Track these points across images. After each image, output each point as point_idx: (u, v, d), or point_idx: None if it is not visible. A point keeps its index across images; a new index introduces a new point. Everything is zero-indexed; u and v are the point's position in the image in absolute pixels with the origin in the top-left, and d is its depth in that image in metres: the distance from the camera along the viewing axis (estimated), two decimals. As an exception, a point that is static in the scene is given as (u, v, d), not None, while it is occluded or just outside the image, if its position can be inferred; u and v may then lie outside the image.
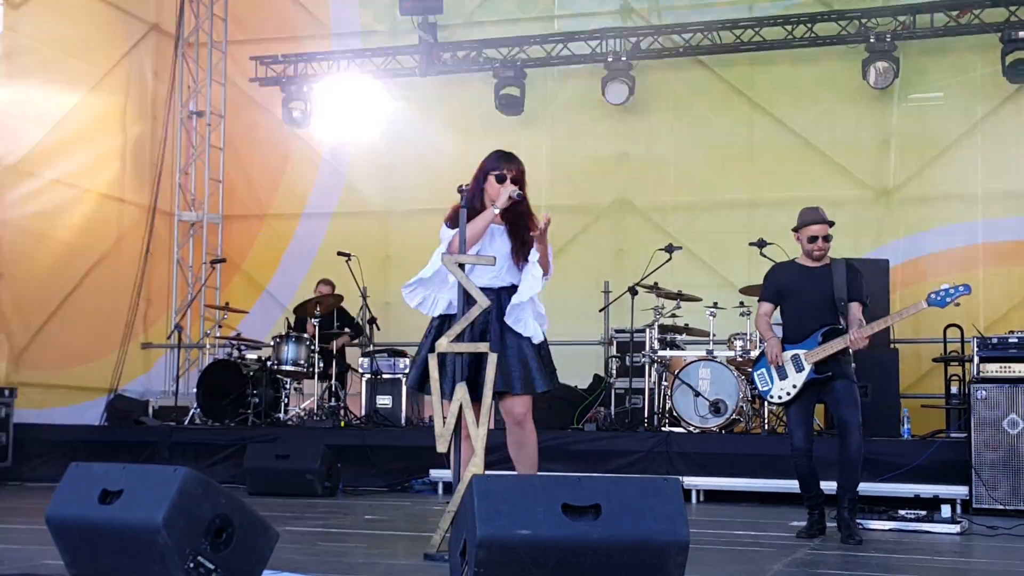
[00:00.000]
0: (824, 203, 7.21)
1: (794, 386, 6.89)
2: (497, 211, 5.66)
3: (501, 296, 5.68)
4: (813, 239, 6.97)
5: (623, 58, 13.33)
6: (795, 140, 13.16)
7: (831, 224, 7.05)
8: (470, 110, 14.41)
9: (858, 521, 7.37)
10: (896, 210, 12.81)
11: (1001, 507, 8.36)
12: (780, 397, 6.98)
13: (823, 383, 6.87)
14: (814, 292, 6.93)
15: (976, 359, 8.88)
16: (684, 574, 3.88)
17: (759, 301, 7.31)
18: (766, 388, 7.04)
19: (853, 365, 7.05)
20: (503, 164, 5.83)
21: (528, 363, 5.63)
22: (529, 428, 5.74)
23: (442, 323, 5.77)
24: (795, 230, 7.12)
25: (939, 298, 6.76)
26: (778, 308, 7.22)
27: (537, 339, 5.68)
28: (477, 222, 5.66)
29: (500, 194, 5.68)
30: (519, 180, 5.78)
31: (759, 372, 7.11)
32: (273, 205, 15.15)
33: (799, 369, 6.88)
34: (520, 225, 5.77)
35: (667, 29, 13.47)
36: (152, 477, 4.11)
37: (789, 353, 6.93)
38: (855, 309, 6.87)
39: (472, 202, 5.71)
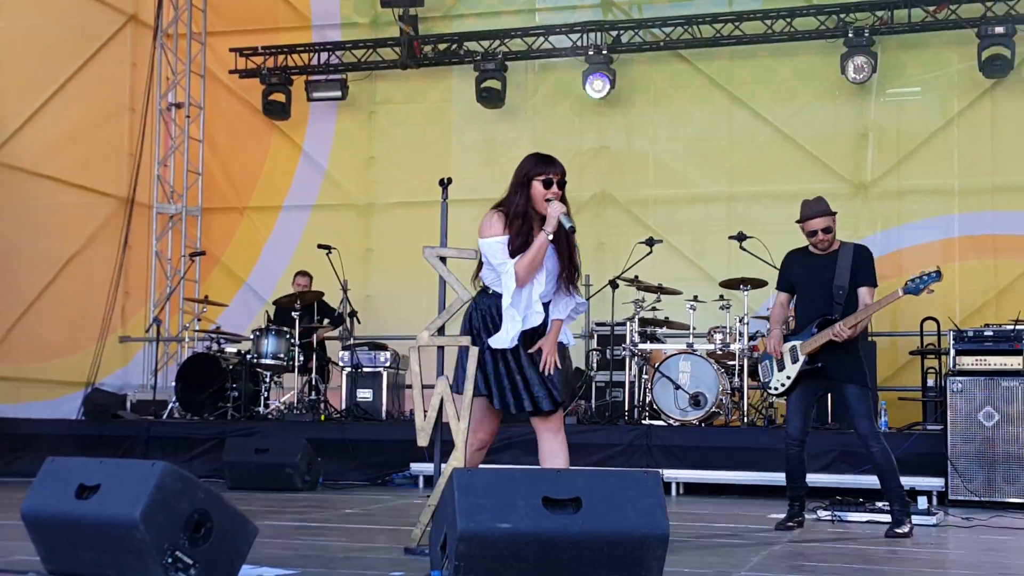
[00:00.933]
0: (802, 197, 7.21)
1: (788, 377, 6.95)
2: (550, 236, 5.22)
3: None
4: (813, 233, 6.96)
5: (604, 52, 13.34)
6: (774, 134, 13.20)
7: (833, 214, 7.01)
8: (451, 103, 14.41)
9: (836, 513, 7.45)
10: (874, 204, 12.87)
11: (977, 498, 8.42)
12: (776, 388, 7.06)
13: (827, 377, 6.88)
14: (816, 281, 6.95)
15: (952, 352, 8.93)
16: (664, 567, 3.90)
17: (776, 290, 7.33)
18: (766, 379, 7.15)
19: (862, 358, 6.99)
20: (547, 168, 5.38)
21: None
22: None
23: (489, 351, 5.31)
24: (799, 220, 7.08)
25: (914, 285, 6.79)
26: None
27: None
28: (534, 253, 5.18)
29: (548, 216, 5.25)
30: (564, 184, 5.43)
31: (763, 364, 7.22)
32: (253, 198, 15.09)
33: (794, 360, 6.94)
34: (568, 245, 5.37)
35: (648, 23, 13.50)
36: (130, 471, 4.09)
37: (788, 345, 6.99)
38: (862, 294, 6.85)
39: (523, 213, 5.28)
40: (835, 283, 6.86)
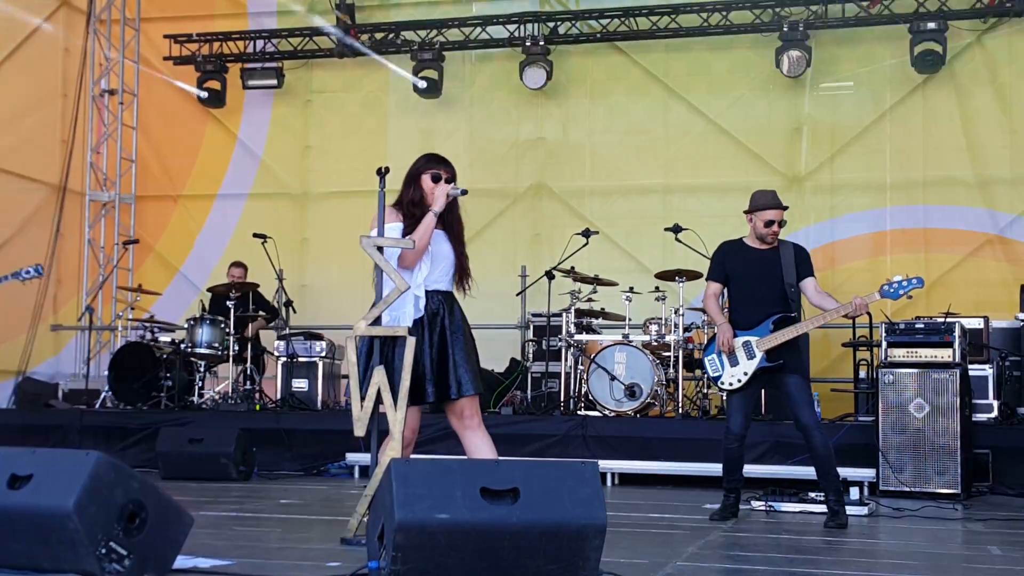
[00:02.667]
0: (737, 190, 7.29)
1: (745, 373, 6.87)
2: (436, 213, 5.41)
3: (452, 299, 5.56)
4: (770, 223, 6.92)
5: (541, 43, 13.36)
6: (709, 126, 13.31)
7: (785, 208, 7.04)
8: (388, 92, 14.36)
9: (770, 504, 7.52)
10: (807, 197, 13.00)
11: (907, 489, 8.53)
12: (731, 384, 6.94)
13: (773, 372, 6.87)
14: (763, 276, 6.89)
15: (884, 344, 9.04)
16: (601, 557, 3.92)
17: (707, 280, 7.19)
18: (717, 374, 6.99)
19: (803, 351, 7.05)
20: (437, 165, 5.58)
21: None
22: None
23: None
24: (748, 212, 7.02)
25: (892, 290, 6.84)
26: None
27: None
28: (421, 232, 5.39)
29: (436, 195, 5.45)
30: (453, 182, 5.56)
31: (710, 358, 7.06)
32: (187, 186, 14.95)
33: (750, 356, 6.86)
34: (459, 230, 5.61)
35: (585, 14, 13.54)
36: (63, 461, 4.04)
37: (740, 339, 6.88)
38: (812, 284, 6.91)
39: (417, 202, 5.49)
40: (785, 281, 6.85)
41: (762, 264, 6.92)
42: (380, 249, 5.44)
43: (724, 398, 7.41)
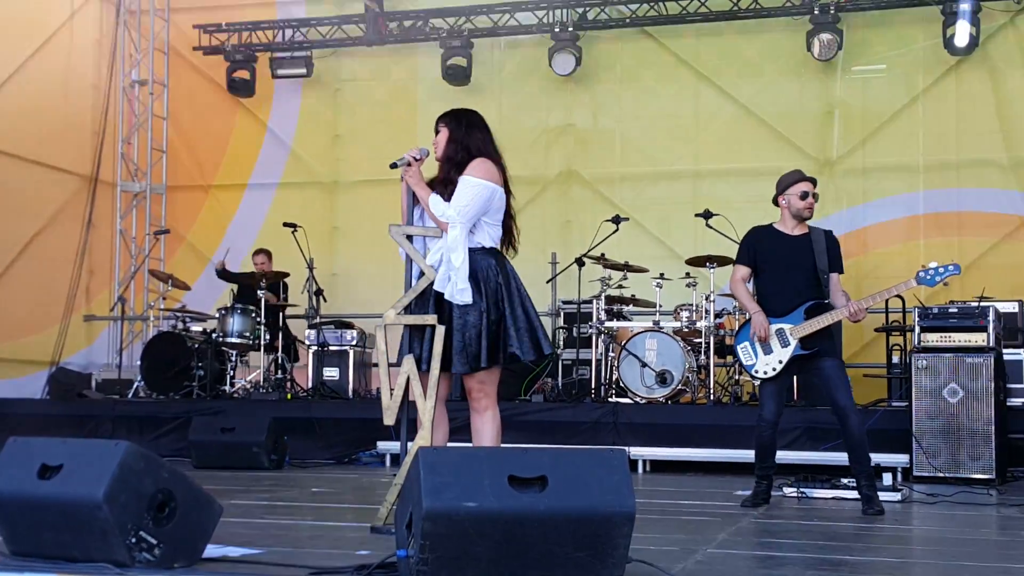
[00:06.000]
0: (768, 174, 7.23)
1: (780, 361, 6.76)
2: (402, 182, 5.48)
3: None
4: (805, 195, 6.82)
5: (570, 28, 13.31)
6: (740, 111, 13.22)
7: (815, 182, 6.94)
8: (417, 80, 14.35)
9: (802, 490, 7.48)
10: (839, 181, 12.91)
11: (941, 475, 8.46)
12: (766, 372, 6.83)
13: (807, 359, 6.78)
14: (795, 262, 6.79)
15: (917, 329, 8.97)
16: (630, 544, 3.90)
17: (735, 264, 7.09)
18: (750, 363, 6.86)
19: (835, 338, 6.99)
20: (436, 123, 5.62)
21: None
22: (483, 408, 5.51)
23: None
24: (779, 194, 6.92)
25: (928, 277, 6.77)
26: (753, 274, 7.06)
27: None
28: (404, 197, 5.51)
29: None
30: (451, 134, 5.53)
31: (742, 345, 6.92)
32: (218, 175, 15.00)
33: (784, 344, 6.75)
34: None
35: (613, 0, 13.46)
36: (93, 451, 4.05)
37: (774, 327, 6.76)
38: (836, 280, 6.84)
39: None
40: (818, 267, 6.75)
41: (794, 250, 6.82)
42: (409, 238, 5.44)
43: (757, 385, 7.33)
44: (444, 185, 5.44)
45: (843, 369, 6.88)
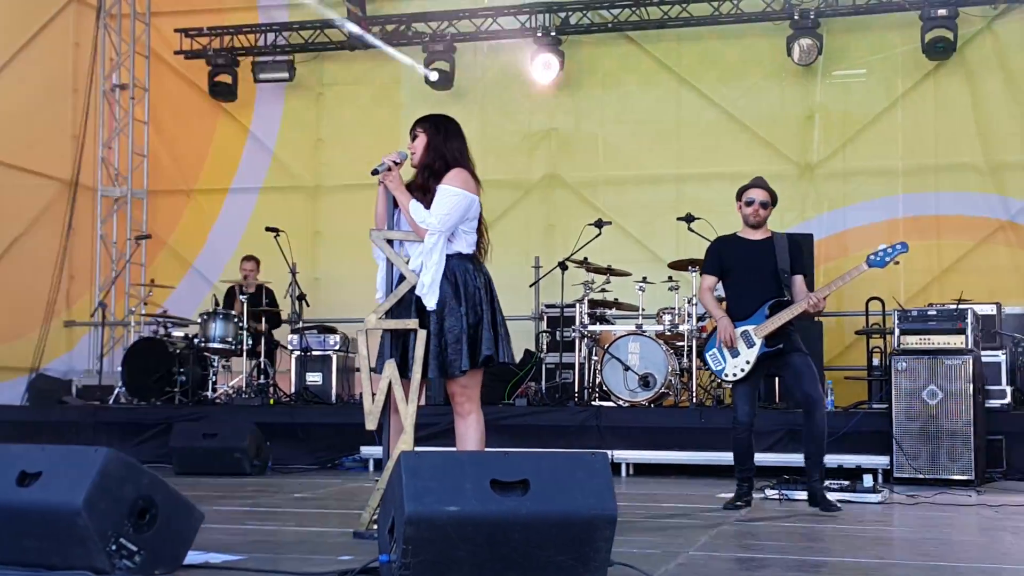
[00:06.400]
0: (749, 178, 7.25)
1: (747, 362, 6.89)
2: (381, 183, 5.54)
3: None
4: (751, 202, 6.99)
5: (552, 33, 13.33)
6: (721, 115, 13.27)
7: (772, 193, 7.06)
8: (400, 85, 14.34)
9: (783, 492, 7.50)
10: (820, 185, 12.97)
11: (921, 476, 8.51)
12: (735, 375, 6.96)
13: (774, 357, 6.90)
14: (758, 266, 6.94)
15: (897, 331, 9.01)
16: (612, 547, 3.91)
17: (702, 274, 7.31)
18: (719, 368, 7.01)
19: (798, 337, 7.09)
20: (414, 127, 5.65)
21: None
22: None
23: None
24: (737, 200, 7.10)
25: (878, 258, 6.88)
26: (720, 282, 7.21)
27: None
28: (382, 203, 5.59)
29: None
30: (415, 137, 5.58)
31: (711, 353, 7.07)
32: (199, 180, 14.96)
33: (750, 345, 6.89)
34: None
35: (595, 4, 13.48)
36: (72, 458, 4.04)
37: (739, 330, 6.92)
38: (800, 282, 6.95)
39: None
40: (779, 267, 6.91)
41: (756, 255, 6.99)
42: (390, 242, 5.45)
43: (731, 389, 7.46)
44: (422, 192, 5.47)
45: (811, 363, 6.97)
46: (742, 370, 6.93)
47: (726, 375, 7.01)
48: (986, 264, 12.19)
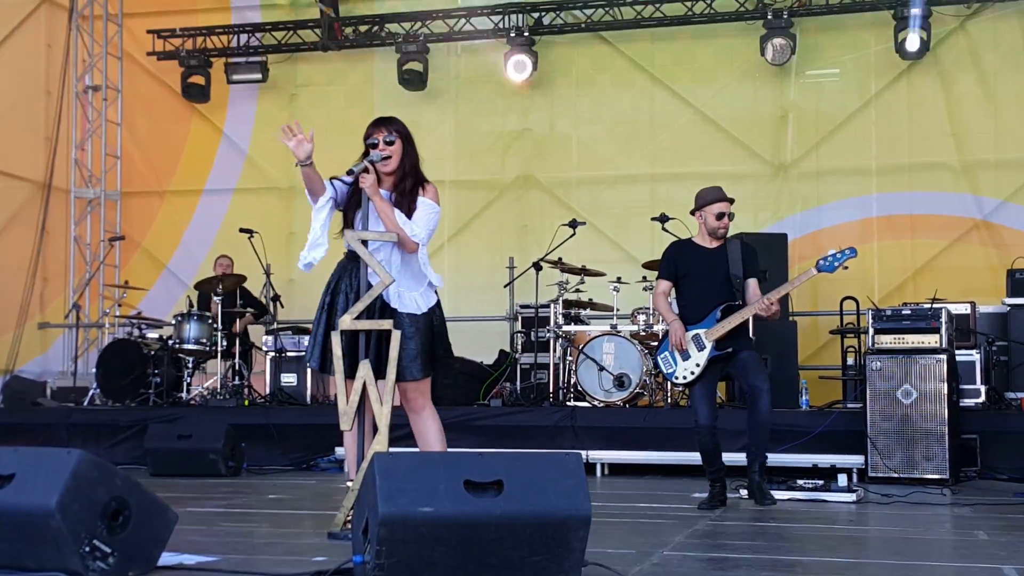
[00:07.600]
0: (723, 178, 7.36)
1: (697, 365, 7.05)
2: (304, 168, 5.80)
3: None
4: (721, 216, 7.13)
5: (526, 33, 13.34)
6: (695, 115, 13.31)
7: (731, 201, 7.20)
8: (373, 85, 14.33)
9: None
10: (793, 185, 13.03)
11: (896, 475, 8.54)
12: (685, 377, 7.12)
13: (725, 359, 7.04)
14: (711, 272, 7.09)
15: (871, 331, 9.05)
16: (586, 547, 3.92)
17: (657, 279, 7.45)
18: (671, 371, 7.17)
19: (753, 339, 7.21)
20: (373, 129, 5.74)
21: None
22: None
23: (334, 298, 5.62)
24: (696, 210, 7.24)
25: (827, 263, 7.03)
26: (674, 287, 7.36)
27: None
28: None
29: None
30: (392, 143, 5.65)
31: (662, 356, 7.24)
32: (173, 181, 14.91)
33: (700, 348, 7.04)
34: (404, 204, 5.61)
35: (569, 5, 13.50)
36: (45, 460, 4.02)
37: (690, 333, 7.07)
38: (753, 285, 7.11)
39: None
40: (731, 272, 7.06)
41: (710, 261, 7.14)
42: (364, 243, 5.44)
43: (688, 392, 7.58)
44: (395, 202, 5.60)
45: (758, 357, 7.16)
46: (692, 372, 7.07)
47: (676, 377, 7.17)
48: (960, 263, 12.26)
